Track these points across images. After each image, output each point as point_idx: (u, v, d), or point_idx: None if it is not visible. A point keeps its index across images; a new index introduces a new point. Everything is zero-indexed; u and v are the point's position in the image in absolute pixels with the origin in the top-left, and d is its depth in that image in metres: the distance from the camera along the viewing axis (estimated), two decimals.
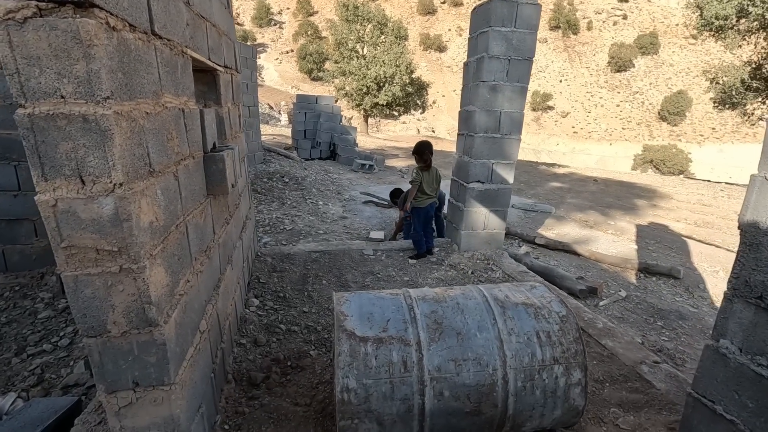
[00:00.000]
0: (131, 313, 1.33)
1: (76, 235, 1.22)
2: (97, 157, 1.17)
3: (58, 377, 2.36)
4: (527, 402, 1.71)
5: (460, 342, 1.71)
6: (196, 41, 2.10)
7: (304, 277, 3.62)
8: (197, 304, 1.81)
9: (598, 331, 2.76)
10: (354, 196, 7.55)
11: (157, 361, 1.41)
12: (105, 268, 1.27)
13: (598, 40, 55.36)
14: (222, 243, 2.40)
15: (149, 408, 1.46)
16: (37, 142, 1.13)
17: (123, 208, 1.22)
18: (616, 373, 2.40)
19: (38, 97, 1.10)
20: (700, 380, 1.77)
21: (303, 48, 46.53)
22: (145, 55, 1.40)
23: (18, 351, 2.58)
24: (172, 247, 1.56)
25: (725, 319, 1.67)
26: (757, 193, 1.54)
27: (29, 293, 3.29)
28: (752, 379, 1.56)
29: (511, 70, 3.82)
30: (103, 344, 1.34)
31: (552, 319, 1.81)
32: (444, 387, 1.64)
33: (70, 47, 1.07)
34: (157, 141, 1.47)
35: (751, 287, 1.56)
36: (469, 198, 4.16)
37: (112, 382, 1.39)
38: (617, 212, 7.91)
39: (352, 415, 1.60)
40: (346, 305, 1.84)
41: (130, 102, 1.27)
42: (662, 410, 2.11)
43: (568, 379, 1.73)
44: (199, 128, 2.02)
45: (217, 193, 2.20)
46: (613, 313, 3.71)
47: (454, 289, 2.02)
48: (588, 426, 2.03)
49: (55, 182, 1.17)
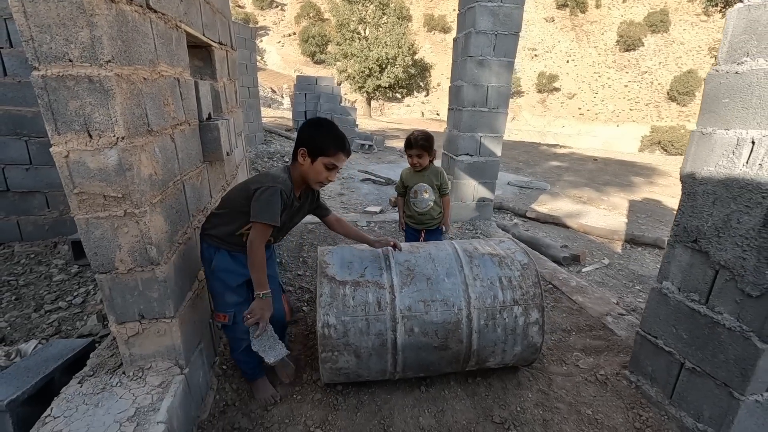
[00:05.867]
0: (135, 252, 1.53)
1: (86, 183, 1.41)
2: (101, 114, 1.36)
3: (73, 329, 2.60)
4: (490, 338, 1.91)
5: (429, 286, 1.91)
6: (190, 17, 2.25)
7: (300, 246, 3.84)
8: (195, 255, 2.01)
9: (571, 288, 2.96)
10: (352, 174, 7.73)
11: (159, 297, 1.62)
12: (111, 212, 1.47)
13: (607, 19, 54.13)
14: None
15: (154, 338, 1.68)
16: (50, 101, 1.32)
17: (125, 159, 1.41)
18: (583, 324, 2.60)
19: (50, 60, 1.28)
20: (647, 319, 1.97)
21: (305, 30, 46.06)
22: (142, 26, 1.57)
23: (36, 308, 2.83)
24: (171, 200, 1.75)
25: (668, 263, 1.85)
26: (695, 147, 1.70)
27: (44, 260, 3.54)
28: (687, 313, 1.75)
29: (498, 44, 3.93)
30: (113, 280, 1.55)
31: (514, 266, 2.00)
32: (414, 324, 1.85)
33: (75, 16, 1.25)
34: (154, 104, 1.65)
35: (688, 232, 1.73)
36: (458, 170, 4.33)
37: (121, 313, 1.61)
38: (612, 189, 8.03)
39: (333, 347, 1.81)
40: (329, 256, 2.04)
41: (129, 67, 1.45)
42: (620, 353, 2.32)
43: (526, 318, 1.92)
44: (194, 98, 2.19)
45: (212, 160, 2.39)
46: (594, 278, 3.90)
47: (429, 243, 2.22)
48: (551, 366, 2.24)
49: (67, 136, 1.36)
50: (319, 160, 1.69)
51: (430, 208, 2.84)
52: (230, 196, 1.82)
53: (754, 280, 1.48)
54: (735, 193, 1.54)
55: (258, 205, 1.61)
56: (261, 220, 1.60)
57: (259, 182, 1.67)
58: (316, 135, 1.71)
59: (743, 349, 1.53)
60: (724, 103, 1.59)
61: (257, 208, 1.60)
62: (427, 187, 2.82)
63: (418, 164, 2.78)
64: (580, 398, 2.01)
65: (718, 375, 1.63)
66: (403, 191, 2.95)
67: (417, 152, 2.73)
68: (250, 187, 1.66)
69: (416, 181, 2.84)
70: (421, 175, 2.83)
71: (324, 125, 1.74)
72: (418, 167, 2.81)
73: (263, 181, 1.67)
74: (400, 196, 2.99)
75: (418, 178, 2.83)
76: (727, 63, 1.59)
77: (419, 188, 2.83)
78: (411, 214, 2.91)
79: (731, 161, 1.56)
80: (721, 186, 1.60)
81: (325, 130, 1.73)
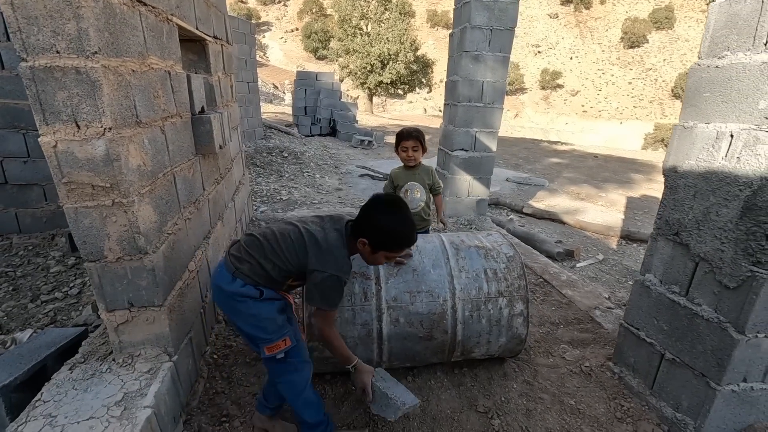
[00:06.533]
0: (124, 241, 1.56)
1: (74, 173, 1.44)
2: (89, 105, 1.38)
3: (69, 318, 2.65)
4: (474, 329, 1.94)
5: (415, 277, 1.94)
6: (182, 10, 2.28)
7: None
8: (186, 246, 2.04)
9: (561, 282, 2.98)
10: (351, 170, 7.76)
11: (148, 285, 1.65)
12: (100, 201, 1.50)
13: (612, 15, 53.80)
14: (212, 200, 2.63)
15: (143, 326, 1.72)
16: (38, 91, 1.35)
17: (113, 150, 1.44)
18: (571, 317, 2.63)
19: (37, 52, 1.31)
20: (630, 311, 1.99)
21: (308, 26, 46.00)
22: (130, 19, 1.59)
23: (33, 298, 2.88)
24: (160, 191, 1.78)
25: (651, 256, 1.87)
26: (677, 140, 1.72)
27: (41, 252, 3.58)
28: (667, 305, 1.77)
29: (494, 40, 3.93)
30: (102, 268, 1.59)
31: (500, 259, 2.03)
32: (399, 314, 1.88)
33: (62, 8, 1.27)
34: (144, 97, 1.67)
35: (670, 225, 1.75)
36: (454, 165, 4.35)
37: (111, 301, 1.64)
38: (611, 186, 8.03)
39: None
40: None
41: (116, 59, 1.47)
42: (606, 345, 2.34)
43: (511, 309, 1.95)
44: (186, 91, 2.22)
45: (205, 153, 2.42)
46: (587, 273, 3.92)
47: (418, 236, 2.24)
48: (537, 357, 2.27)
49: (55, 126, 1.39)
50: (382, 252, 1.51)
51: (421, 209, 2.70)
52: (275, 249, 1.49)
53: (731, 272, 1.50)
54: (714, 186, 1.56)
55: (320, 293, 1.46)
56: (325, 308, 1.50)
57: (320, 261, 1.45)
58: (385, 236, 1.47)
59: (720, 340, 1.55)
60: (705, 97, 1.61)
61: (319, 295, 1.47)
62: (419, 186, 2.68)
63: (412, 158, 2.62)
64: (564, 389, 2.04)
65: (696, 365, 1.66)
66: (392, 191, 2.76)
67: (413, 144, 2.58)
68: (309, 264, 1.46)
69: (407, 180, 2.69)
70: (412, 174, 2.69)
71: (396, 222, 1.48)
72: (411, 162, 2.65)
73: (324, 260, 1.45)
74: None
75: (410, 177, 2.69)
76: (709, 57, 1.60)
77: (411, 187, 2.68)
78: None
79: (711, 155, 1.57)
80: (701, 179, 1.61)
81: (397, 228, 1.48)
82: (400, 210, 1.51)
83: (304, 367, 1.58)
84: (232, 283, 1.46)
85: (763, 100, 1.40)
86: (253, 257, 1.48)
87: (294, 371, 1.55)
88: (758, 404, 1.64)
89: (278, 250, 1.49)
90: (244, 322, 1.50)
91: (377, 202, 1.53)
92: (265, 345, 1.48)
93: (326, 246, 1.48)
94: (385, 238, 1.48)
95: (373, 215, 1.49)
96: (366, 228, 1.49)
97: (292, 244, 1.49)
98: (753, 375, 1.58)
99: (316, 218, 1.61)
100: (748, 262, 1.45)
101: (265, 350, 1.48)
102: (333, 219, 1.59)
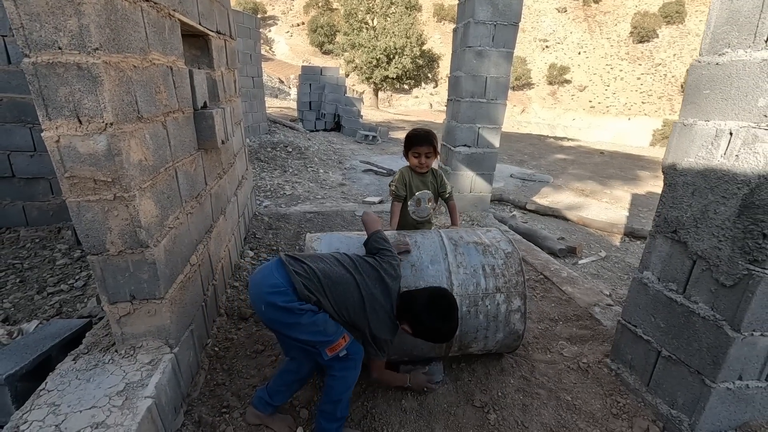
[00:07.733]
0: (125, 235, 1.59)
1: (76, 167, 1.47)
2: (90, 100, 1.40)
3: (74, 310, 2.69)
4: (472, 325, 1.96)
5: (413, 272, 1.95)
6: (185, 6, 2.29)
7: (298, 234, 3.90)
8: (187, 240, 2.07)
9: (561, 279, 2.98)
10: (355, 165, 7.77)
11: (149, 278, 1.68)
12: (102, 195, 1.52)
13: (621, 9, 53.08)
14: (214, 194, 2.66)
15: (145, 318, 1.75)
16: (41, 87, 1.37)
17: (114, 145, 1.46)
18: (571, 314, 2.63)
19: (40, 48, 1.33)
20: (627, 309, 2.00)
21: (314, 20, 45.86)
22: (132, 15, 1.61)
23: (39, 290, 2.93)
24: (162, 185, 1.81)
25: (649, 253, 1.87)
26: (677, 138, 1.71)
27: (48, 245, 3.64)
28: (665, 303, 1.77)
29: (497, 35, 3.91)
30: (104, 261, 1.62)
31: (498, 255, 2.04)
32: None
33: (64, 4, 1.29)
34: (145, 92, 1.69)
35: (668, 223, 1.75)
36: (456, 161, 4.34)
37: (113, 294, 1.67)
38: (616, 182, 7.97)
39: None
40: (317, 242, 2.09)
41: (118, 54, 1.49)
42: (604, 342, 2.35)
43: (508, 305, 1.96)
44: (188, 86, 2.23)
45: (207, 148, 2.44)
46: (589, 270, 3.92)
47: (416, 232, 2.25)
48: (535, 353, 2.28)
49: (57, 121, 1.41)
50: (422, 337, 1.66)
51: (429, 216, 2.57)
52: (336, 297, 1.59)
53: (728, 270, 1.50)
54: (712, 184, 1.55)
55: (377, 349, 1.69)
56: (380, 360, 1.77)
57: (379, 329, 1.64)
58: (426, 331, 1.62)
59: (716, 338, 1.56)
60: (704, 94, 1.60)
61: (375, 351, 1.69)
62: (431, 195, 2.51)
63: (425, 165, 2.41)
64: (561, 385, 2.05)
65: (692, 363, 1.66)
66: (403, 197, 2.47)
67: (426, 150, 2.36)
68: (370, 328, 1.64)
69: (419, 187, 2.47)
70: (424, 181, 2.48)
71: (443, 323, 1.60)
72: (424, 169, 2.44)
73: (382, 329, 1.65)
74: (398, 202, 2.48)
75: (422, 185, 2.48)
76: (709, 54, 1.59)
77: (423, 196, 2.48)
78: (405, 223, 2.52)
79: (710, 152, 1.57)
80: (700, 177, 1.61)
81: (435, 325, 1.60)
82: (447, 313, 1.62)
83: (360, 362, 1.66)
84: (292, 301, 1.52)
85: (762, 98, 1.39)
86: (312, 293, 1.56)
87: (353, 368, 1.63)
88: (753, 402, 1.65)
89: (340, 300, 1.60)
90: (303, 331, 1.54)
91: (425, 298, 1.65)
92: (326, 347, 1.54)
93: (383, 316, 1.65)
94: (426, 332, 1.62)
95: (417, 310, 1.62)
96: (409, 319, 1.64)
97: (354, 306, 1.61)
98: (748, 373, 1.59)
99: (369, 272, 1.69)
100: (744, 261, 1.45)
101: (327, 352, 1.54)
102: (383, 283, 1.67)
